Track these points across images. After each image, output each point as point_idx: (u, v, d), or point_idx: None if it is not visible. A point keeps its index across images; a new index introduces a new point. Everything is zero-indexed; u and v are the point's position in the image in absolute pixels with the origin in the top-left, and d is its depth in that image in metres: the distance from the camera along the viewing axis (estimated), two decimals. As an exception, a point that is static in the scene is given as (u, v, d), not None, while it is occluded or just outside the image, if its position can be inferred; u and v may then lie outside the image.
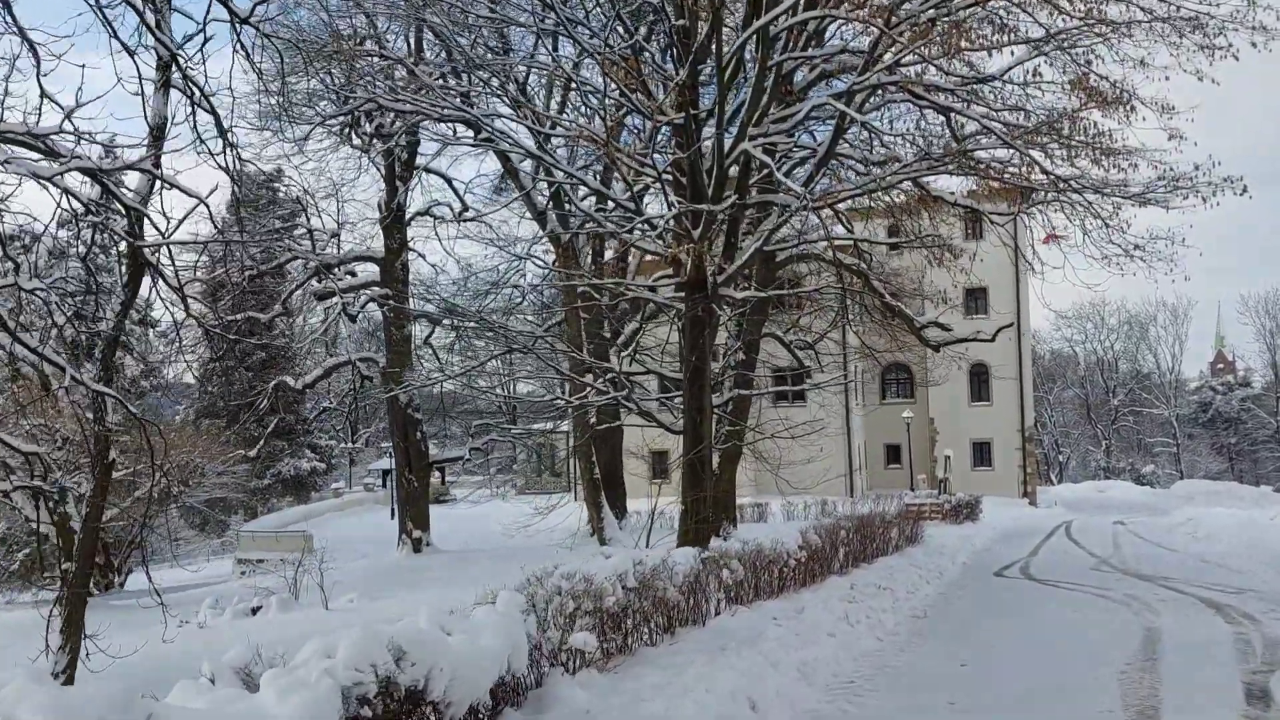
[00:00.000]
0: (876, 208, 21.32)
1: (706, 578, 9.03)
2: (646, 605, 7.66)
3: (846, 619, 9.77)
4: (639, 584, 7.44)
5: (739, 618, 9.08)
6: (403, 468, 32.44)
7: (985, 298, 45.35)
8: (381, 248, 32.23)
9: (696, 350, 16.37)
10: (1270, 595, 12.29)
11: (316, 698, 3.92)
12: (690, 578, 8.48)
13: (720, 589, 9.36)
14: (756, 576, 10.46)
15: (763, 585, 10.70)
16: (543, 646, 6.25)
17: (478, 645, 5.11)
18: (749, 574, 10.25)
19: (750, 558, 10.21)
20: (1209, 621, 10.29)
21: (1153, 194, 13.73)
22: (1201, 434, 76.92)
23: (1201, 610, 11.12)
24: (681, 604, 8.31)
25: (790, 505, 31.24)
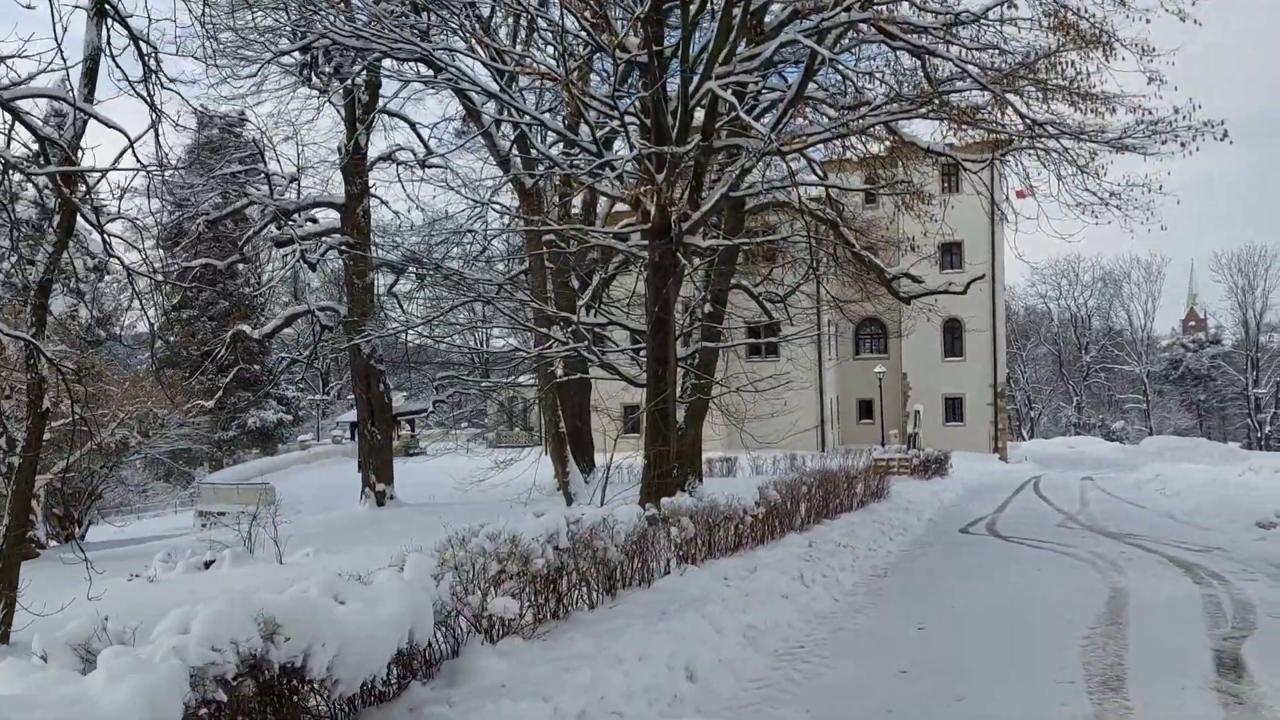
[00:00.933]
0: (851, 160, 20.79)
1: (655, 536, 8.53)
2: (585, 566, 7.15)
3: (802, 579, 9.32)
4: (574, 544, 6.91)
5: (688, 577, 8.60)
6: (365, 420, 31.80)
7: (960, 252, 45.02)
8: (342, 193, 31.31)
9: (660, 299, 15.82)
10: (1239, 554, 11.98)
11: (155, 682, 3.35)
12: (634, 536, 7.97)
13: (670, 547, 8.87)
14: (711, 534, 9.98)
15: (717, 543, 10.23)
16: (461, 613, 5.73)
17: (375, 615, 4.56)
18: (702, 531, 9.76)
19: (704, 514, 9.72)
20: (1177, 582, 9.94)
21: (1131, 139, 13.18)
22: (1172, 391, 77.51)
23: (1169, 569, 10.78)
24: (625, 564, 7.81)
25: (759, 460, 31.03)
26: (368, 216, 31.42)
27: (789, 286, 23.99)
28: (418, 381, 41.63)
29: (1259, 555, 11.79)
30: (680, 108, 14.75)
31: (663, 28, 15.48)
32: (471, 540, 6.15)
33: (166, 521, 45.08)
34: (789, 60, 17.88)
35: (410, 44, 16.48)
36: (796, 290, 23.80)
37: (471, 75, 17.31)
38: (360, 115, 30.19)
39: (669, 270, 15.65)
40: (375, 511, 30.59)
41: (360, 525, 27.88)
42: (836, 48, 15.84)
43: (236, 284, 49.06)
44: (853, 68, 16.48)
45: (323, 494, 38.42)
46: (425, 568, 5.32)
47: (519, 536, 6.22)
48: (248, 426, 53.30)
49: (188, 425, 39.98)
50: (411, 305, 33.08)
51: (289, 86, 29.13)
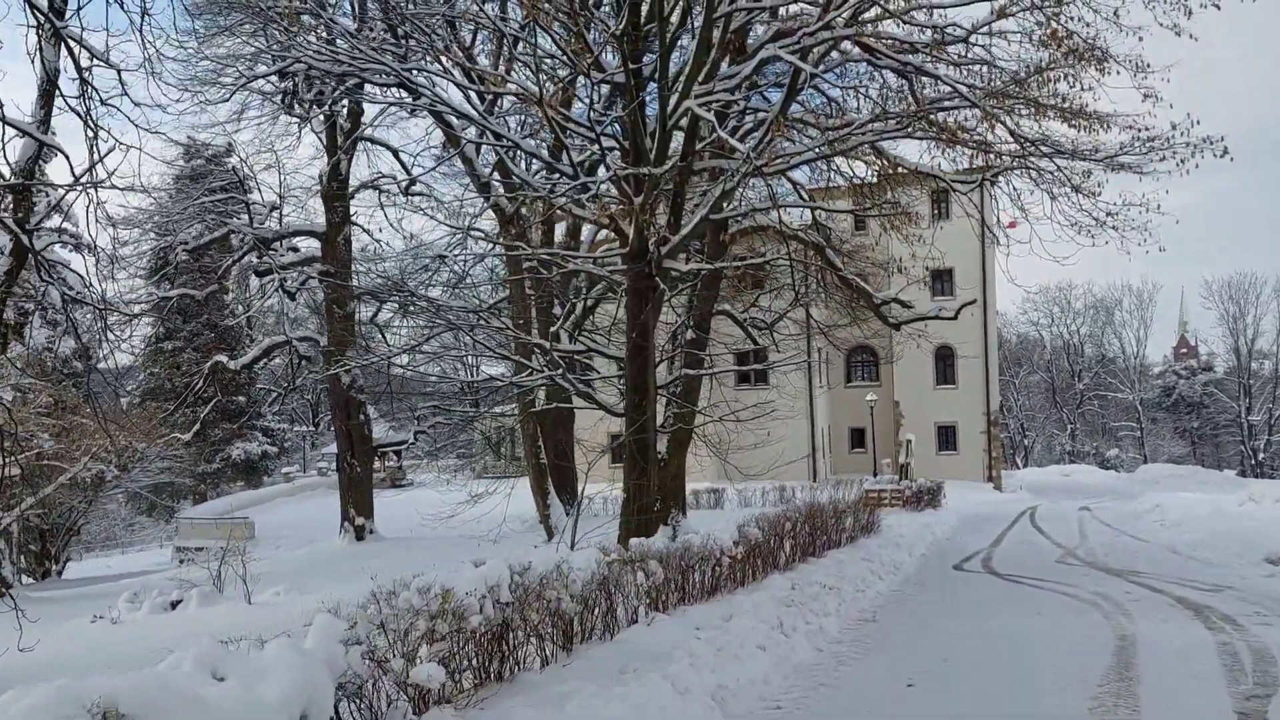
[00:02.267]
0: (840, 186, 20.35)
1: (620, 581, 7.80)
2: (537, 618, 6.42)
3: (781, 627, 8.58)
4: (523, 594, 6.18)
5: (657, 628, 7.87)
6: (345, 452, 31.01)
7: (951, 279, 44.41)
8: (323, 221, 30.73)
9: (638, 325, 15.20)
10: (1249, 593, 11.27)
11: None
12: (594, 583, 7.24)
13: (638, 594, 8.13)
14: (684, 578, 9.25)
15: (692, 587, 9.50)
16: (380, 682, 4.99)
17: (254, 695, 3.83)
18: (675, 575, 9.04)
19: (676, 557, 8.99)
20: (1188, 627, 9.21)
21: (1127, 156, 12.61)
22: (1165, 418, 77.02)
23: (1178, 612, 10.05)
24: (583, 615, 7.07)
25: (747, 492, 30.28)
26: (349, 244, 30.82)
27: (776, 313, 23.34)
28: (402, 412, 40.81)
29: (1271, 594, 11.08)
30: (659, 128, 14.21)
31: (641, 46, 14.94)
32: (401, 594, 5.42)
33: (150, 557, 44.04)
34: (771, 82, 17.36)
35: (385, 67, 15.96)
36: (784, 317, 23.13)
37: (449, 99, 16.79)
38: (342, 142, 29.71)
39: (647, 295, 15.05)
40: (354, 546, 29.72)
41: (337, 561, 27.01)
42: (820, 66, 15.35)
43: (222, 315, 48.36)
44: (837, 83, 15.99)
45: (305, 528, 37.53)
46: (333, 632, 4.60)
47: (453, 590, 5.49)
48: (232, 459, 52.33)
49: (169, 458, 39.12)
50: (394, 335, 32.39)
51: (269, 114, 28.66)
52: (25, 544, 36.28)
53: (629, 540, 13.61)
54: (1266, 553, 13.73)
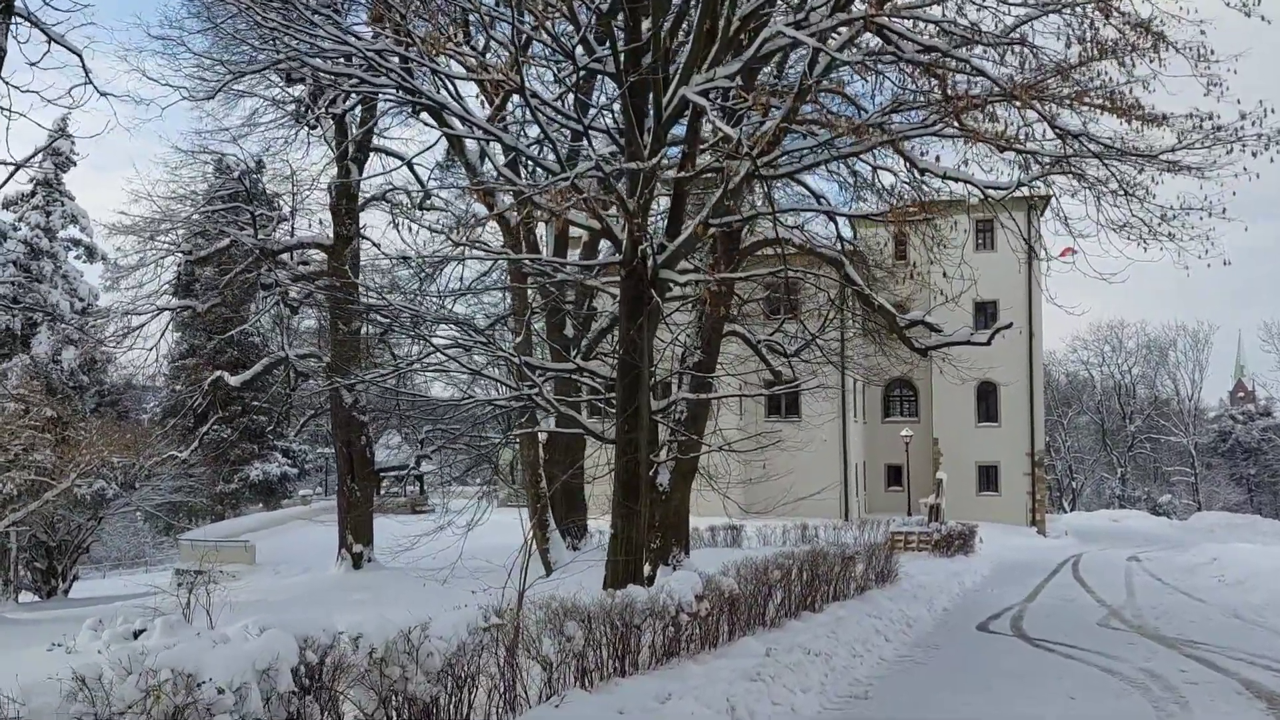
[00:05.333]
0: (878, 216, 18.79)
1: (513, 651, 6.07)
2: (370, 708, 4.72)
3: (733, 713, 6.77)
4: (331, 672, 4.49)
5: (567, 710, 6.12)
6: (345, 474, 29.66)
7: (994, 311, 42.12)
8: (331, 234, 29.59)
9: (628, 341, 13.57)
10: (1337, 679, 9.20)
11: None
12: (470, 654, 5.52)
13: (547, 665, 6.40)
14: (623, 641, 7.48)
15: (640, 651, 7.74)
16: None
17: None
18: (607, 637, 7.29)
19: (608, 614, 7.23)
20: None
21: (1188, 150, 10.73)
22: (1220, 464, 73.41)
23: (1250, 706, 8.03)
24: (443, 701, 5.34)
25: (767, 529, 28.43)
26: (357, 259, 29.59)
27: (802, 339, 21.46)
28: (424, 437, 39.49)
29: (1365, 682, 9.01)
30: (654, 121, 12.64)
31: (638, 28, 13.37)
32: (116, 686, 3.76)
33: (160, 578, 43.05)
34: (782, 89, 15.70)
35: (375, 62, 14.60)
36: (810, 344, 21.22)
37: (448, 102, 15.42)
38: (354, 154, 28.64)
39: (641, 308, 13.42)
40: (349, 575, 28.22)
41: (327, 591, 25.52)
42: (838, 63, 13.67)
43: (245, 331, 47.59)
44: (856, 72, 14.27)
45: (309, 553, 36.14)
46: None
47: (197, 675, 3.82)
48: (250, 479, 51.35)
49: (181, 477, 38.18)
50: (401, 353, 31.07)
51: (279, 121, 27.68)
52: (31, 561, 35.45)
53: (615, 584, 11.97)
54: (1353, 625, 11.61)
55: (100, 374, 38.24)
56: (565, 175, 13.76)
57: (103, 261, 37.18)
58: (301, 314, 40.79)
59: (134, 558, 47.72)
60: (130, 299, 29.55)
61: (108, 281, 32.87)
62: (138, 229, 28.99)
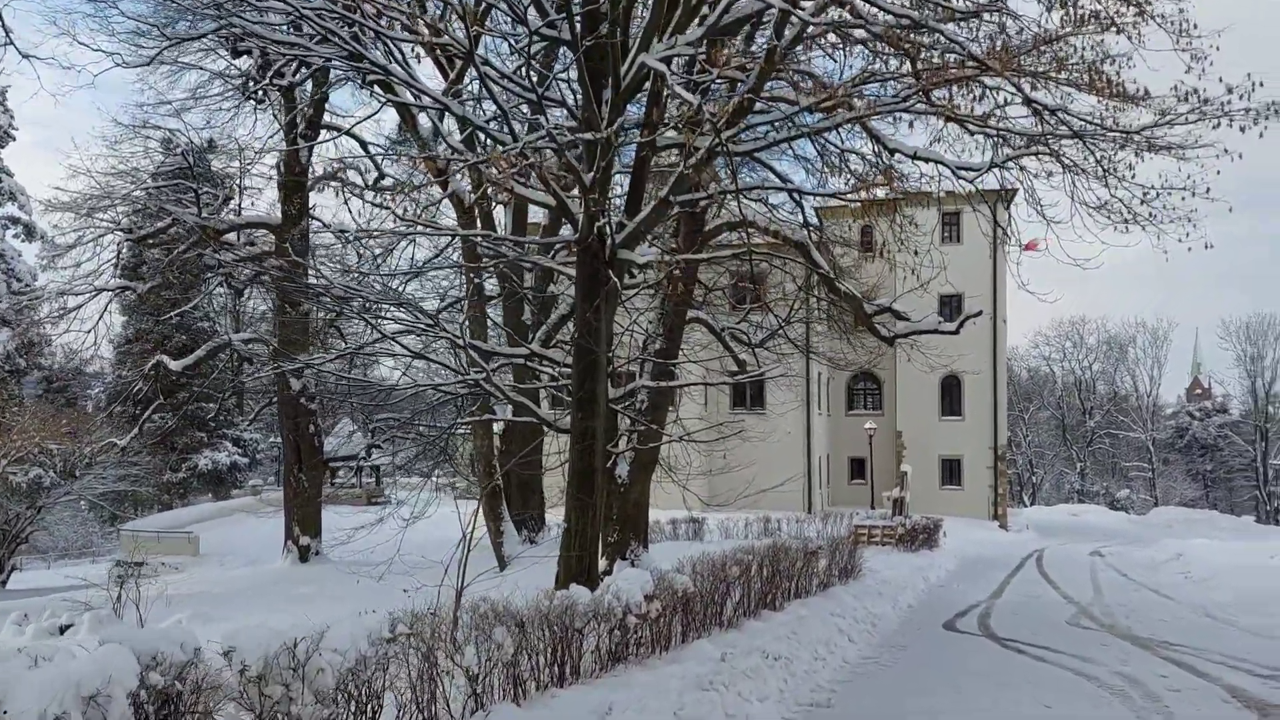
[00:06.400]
0: (847, 207, 18.19)
1: (432, 662, 5.31)
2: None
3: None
4: (192, 697, 3.69)
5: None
6: (292, 464, 28.59)
7: (960, 304, 41.91)
8: (279, 214, 28.49)
9: (584, 324, 12.81)
10: (1325, 684, 8.69)
11: None
12: (374, 669, 4.74)
13: (472, 677, 5.64)
14: (563, 649, 6.75)
15: (584, 657, 7.01)
16: None
17: None
18: (550, 643, 6.55)
19: (546, 618, 6.49)
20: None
21: (1172, 123, 10.16)
22: (1177, 459, 74.20)
23: (1237, 714, 7.47)
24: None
25: (729, 523, 27.82)
26: (306, 239, 28.51)
27: (767, 329, 20.82)
28: (370, 425, 38.38)
29: (1355, 689, 8.51)
30: (613, 91, 11.87)
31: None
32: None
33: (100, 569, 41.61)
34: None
35: (320, 31, 13.66)
36: (775, 335, 20.58)
37: (398, 72, 14.52)
38: (302, 130, 27.55)
39: (598, 290, 12.67)
40: (295, 569, 27.20)
41: (270, 586, 24.49)
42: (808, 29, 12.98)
43: (196, 315, 46.12)
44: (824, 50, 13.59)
45: (257, 545, 34.97)
46: None
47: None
48: (198, 469, 49.90)
49: (125, 466, 36.84)
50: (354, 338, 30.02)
51: (223, 96, 26.54)
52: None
53: (568, 581, 11.22)
54: (1332, 626, 11.17)
55: (38, 356, 36.71)
56: (515, 145, 12.99)
57: (41, 240, 35.71)
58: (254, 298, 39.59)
59: (81, 548, 46.26)
60: (67, 279, 28.26)
61: (44, 261, 31.48)
62: (75, 206, 27.69)
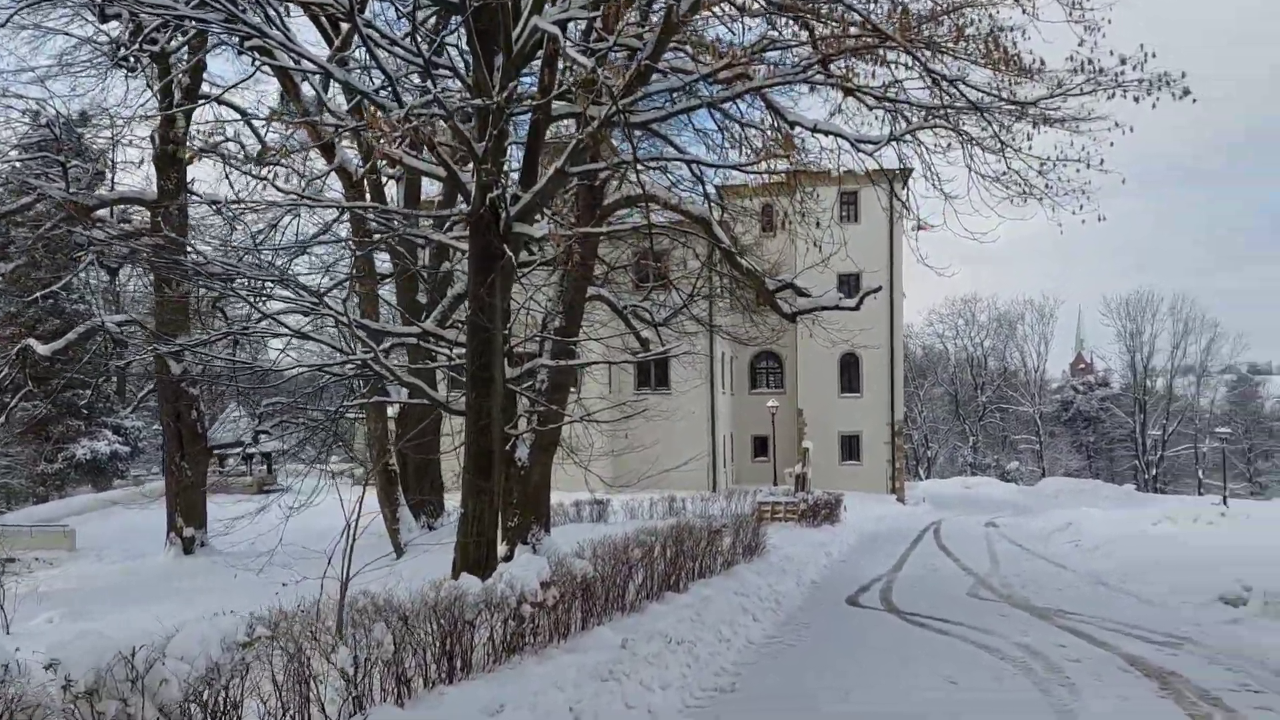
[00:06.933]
0: (749, 185, 18.05)
1: (302, 665, 4.77)
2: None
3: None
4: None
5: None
6: (173, 452, 27.14)
7: (858, 283, 42.53)
8: (154, 189, 26.86)
9: (478, 301, 12.24)
10: (1217, 650, 8.82)
11: None
12: (229, 676, 4.19)
13: (352, 679, 5.11)
14: (454, 641, 6.26)
15: (474, 649, 6.53)
16: None
17: None
18: (439, 636, 6.06)
19: (433, 610, 5.99)
20: (1159, 710, 6.62)
21: (1067, 93, 10.15)
22: (1063, 432, 77.23)
23: (1139, 685, 7.46)
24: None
25: (634, 504, 27.55)
26: (184, 215, 26.96)
27: (671, 309, 20.53)
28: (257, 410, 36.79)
29: (1247, 652, 8.64)
30: (504, 56, 11.29)
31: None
32: None
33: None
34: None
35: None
36: (678, 314, 20.30)
37: (274, 31, 13.56)
38: (179, 100, 25.96)
39: (492, 265, 12.11)
40: (178, 562, 25.84)
41: (151, 580, 23.19)
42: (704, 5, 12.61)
43: (68, 297, 43.42)
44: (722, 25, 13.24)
45: (139, 537, 33.17)
46: None
47: None
48: (76, 459, 47.22)
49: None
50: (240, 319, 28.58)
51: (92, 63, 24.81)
52: None
53: (466, 567, 10.69)
54: (1219, 591, 11.43)
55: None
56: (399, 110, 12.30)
57: None
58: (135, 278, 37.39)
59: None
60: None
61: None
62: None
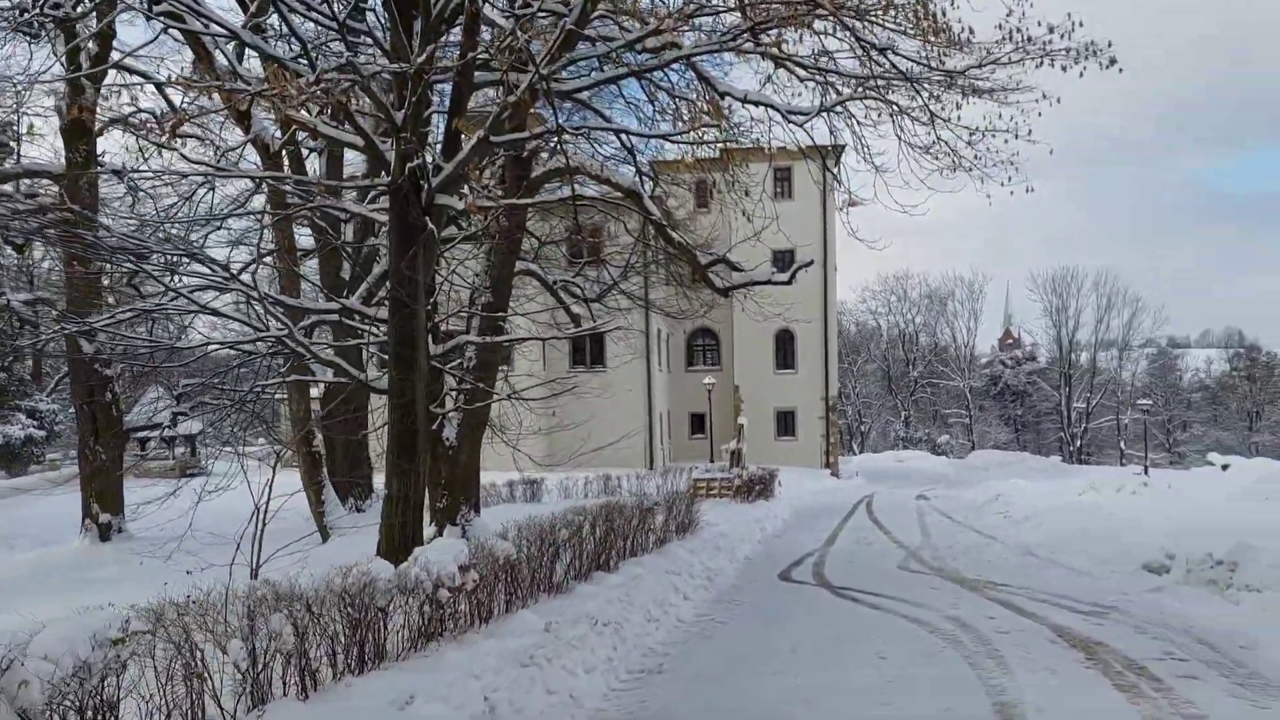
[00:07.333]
0: (685, 160, 17.79)
1: (189, 656, 4.39)
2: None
3: (492, 714, 5.37)
4: None
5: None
6: (87, 435, 26.07)
7: (792, 259, 42.60)
8: (63, 162, 25.62)
9: (400, 276, 11.78)
10: (1142, 619, 8.86)
11: None
12: (99, 675, 3.80)
13: (243, 675, 4.75)
14: (365, 630, 5.92)
15: (390, 637, 6.19)
16: None
17: None
18: (348, 625, 5.71)
19: (340, 598, 5.64)
20: (1090, 686, 6.55)
21: (996, 61, 10.05)
22: (992, 405, 78.83)
23: (1067, 656, 7.42)
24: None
25: (569, 482, 27.27)
26: (95, 189, 25.77)
27: (605, 285, 20.20)
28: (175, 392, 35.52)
29: (1171, 621, 8.69)
30: (423, 19, 10.82)
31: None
32: None
33: None
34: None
35: None
36: (611, 290, 19.97)
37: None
38: (88, 69, 24.73)
39: (413, 239, 11.65)
40: (94, 550, 24.76)
41: (61, 570, 22.11)
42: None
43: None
44: None
45: (53, 524, 31.84)
46: None
47: None
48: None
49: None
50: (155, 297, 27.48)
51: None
52: None
53: (391, 550, 10.30)
54: (1143, 559, 11.57)
55: None
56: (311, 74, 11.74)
57: None
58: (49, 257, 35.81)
59: None
60: None
61: None
62: None
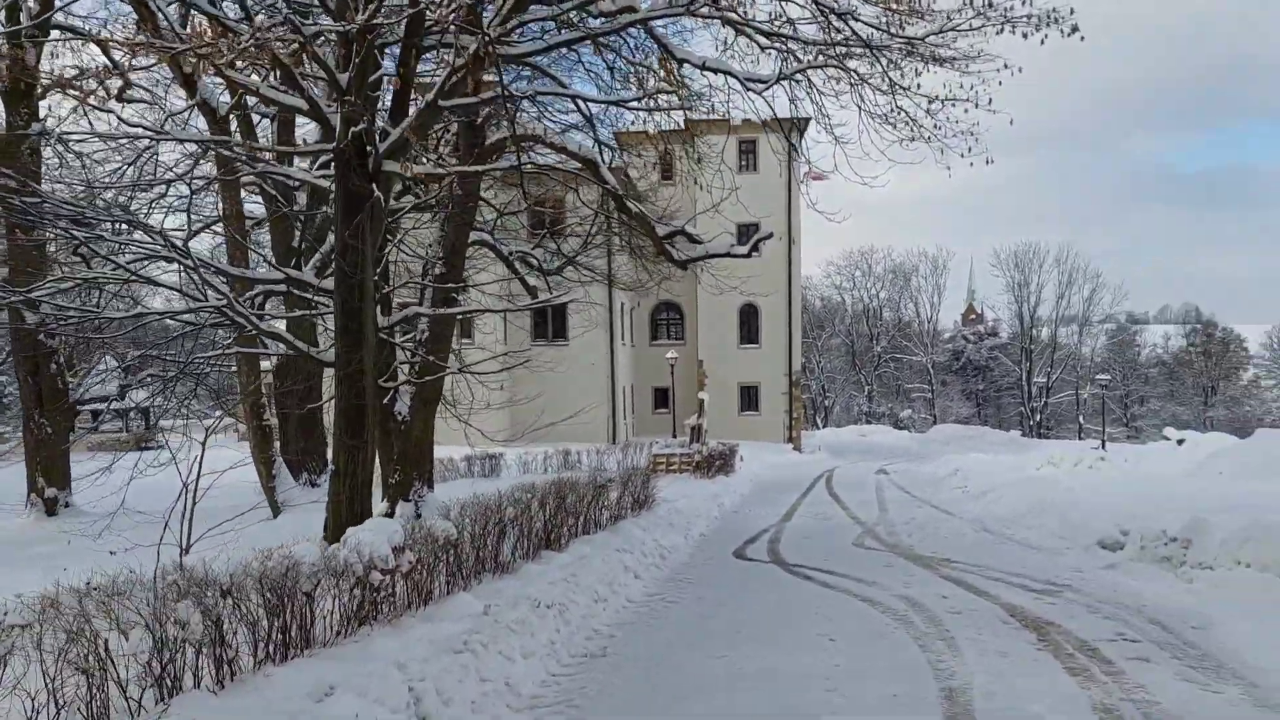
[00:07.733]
0: (648, 132, 17.43)
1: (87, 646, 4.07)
2: None
3: (417, 705, 5.10)
4: None
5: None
6: (32, 408, 25.39)
7: (757, 233, 42.40)
8: (2, 126, 24.70)
9: (346, 245, 11.36)
10: (1095, 597, 8.77)
11: None
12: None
13: (151, 666, 4.43)
14: (291, 617, 5.61)
15: (320, 621, 5.89)
16: None
17: None
18: (269, 611, 5.41)
19: (261, 581, 5.33)
20: (1040, 669, 6.42)
21: (956, 28, 9.80)
22: (954, 380, 79.49)
23: (1018, 637, 7.30)
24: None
25: (528, 457, 27.01)
26: (37, 155, 24.89)
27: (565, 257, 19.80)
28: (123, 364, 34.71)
29: (1124, 599, 8.61)
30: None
31: None
32: None
33: None
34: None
35: None
36: (571, 262, 19.58)
37: None
38: (28, 30, 23.78)
39: (359, 207, 11.22)
40: (40, 525, 24.11)
41: (8, 546, 21.62)
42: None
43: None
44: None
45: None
46: None
47: None
48: (-70, 419, 44.14)
49: None
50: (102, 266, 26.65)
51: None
52: None
53: (338, 526, 9.97)
54: (1098, 535, 11.53)
55: None
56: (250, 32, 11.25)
57: None
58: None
59: None
60: None
61: None
62: None
